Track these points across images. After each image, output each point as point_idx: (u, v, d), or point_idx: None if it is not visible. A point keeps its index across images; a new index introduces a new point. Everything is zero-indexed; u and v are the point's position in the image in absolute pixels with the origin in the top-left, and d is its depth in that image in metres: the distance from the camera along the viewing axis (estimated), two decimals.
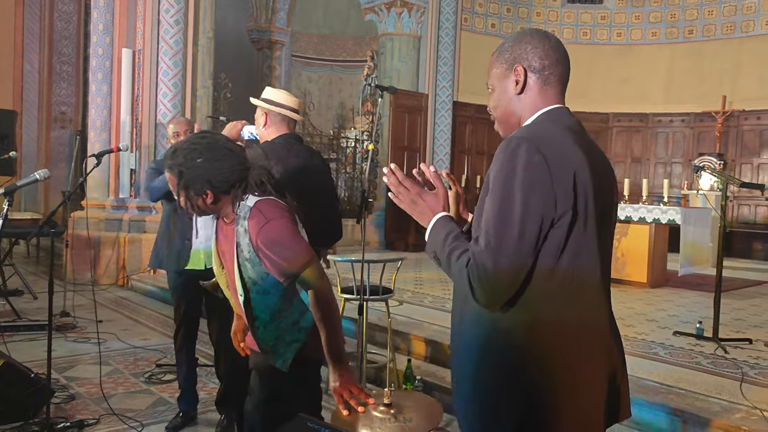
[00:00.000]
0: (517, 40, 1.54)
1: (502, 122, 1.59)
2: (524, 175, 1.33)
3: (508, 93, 1.54)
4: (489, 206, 1.36)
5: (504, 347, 1.42)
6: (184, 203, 1.96)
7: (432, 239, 1.48)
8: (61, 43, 12.20)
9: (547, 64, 1.51)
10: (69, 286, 6.39)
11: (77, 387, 4.08)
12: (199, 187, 1.92)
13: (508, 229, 1.33)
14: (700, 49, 11.81)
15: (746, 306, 6.05)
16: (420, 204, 1.52)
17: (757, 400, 3.27)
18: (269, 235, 1.90)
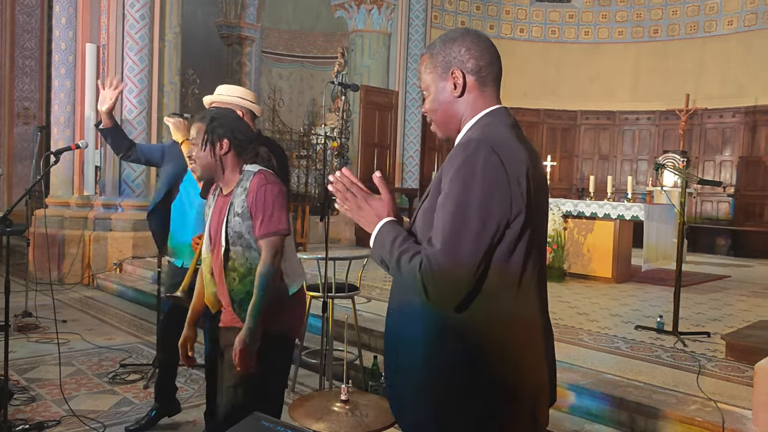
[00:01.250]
0: (450, 42, 1.52)
1: (441, 124, 1.57)
2: (483, 178, 1.34)
3: (446, 96, 1.53)
4: (446, 207, 1.36)
5: (456, 345, 1.41)
6: (201, 150, 2.21)
7: (378, 244, 1.46)
8: (24, 36, 11.92)
9: (483, 65, 1.51)
10: (32, 285, 6.26)
11: (38, 389, 4.00)
12: (222, 132, 2.21)
13: (465, 231, 1.33)
14: (665, 49, 12.05)
15: (707, 300, 6.19)
16: (366, 209, 1.50)
17: (713, 392, 3.36)
18: (265, 194, 2.16)
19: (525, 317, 1.47)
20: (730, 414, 3.08)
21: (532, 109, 12.58)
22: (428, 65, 1.54)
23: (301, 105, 14.22)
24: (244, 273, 2.19)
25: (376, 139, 10.87)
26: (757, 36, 11.09)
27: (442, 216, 1.36)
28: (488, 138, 1.40)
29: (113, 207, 7.86)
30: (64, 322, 5.64)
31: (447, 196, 1.37)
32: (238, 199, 2.20)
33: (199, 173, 2.27)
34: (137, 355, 4.82)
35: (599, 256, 7.07)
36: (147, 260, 7.65)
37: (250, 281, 2.17)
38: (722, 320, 5.24)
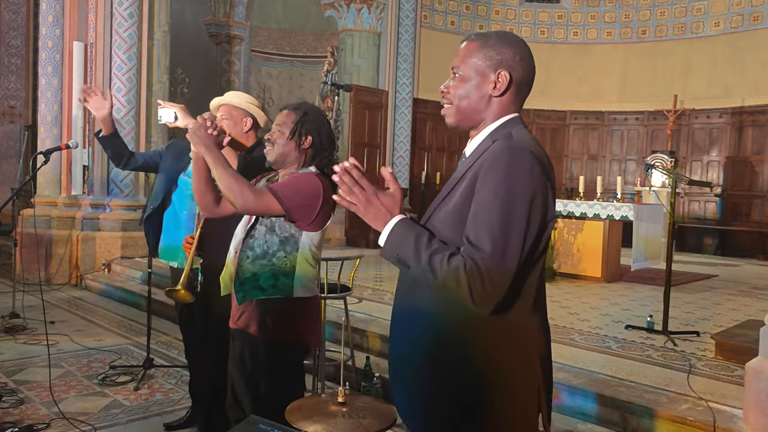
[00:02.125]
0: (507, 43, 1.53)
1: (462, 112, 1.55)
2: (529, 184, 1.38)
3: (484, 90, 1.53)
4: (492, 209, 1.37)
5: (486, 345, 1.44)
6: (280, 137, 2.27)
7: (395, 242, 1.44)
8: (9, 34, 11.79)
9: (527, 79, 1.55)
10: (19, 286, 6.20)
11: (27, 391, 3.96)
12: (309, 127, 2.29)
13: (512, 235, 1.36)
14: (653, 49, 12.13)
15: (696, 299, 6.24)
16: (376, 205, 1.46)
17: (703, 391, 3.38)
18: (301, 178, 2.23)
19: (540, 317, 1.54)
20: (721, 413, 3.11)
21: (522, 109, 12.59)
22: (478, 54, 1.53)
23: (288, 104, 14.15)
24: (258, 254, 2.23)
25: (366, 138, 10.85)
26: (743, 37, 11.20)
27: (489, 218, 1.37)
28: (529, 146, 1.45)
29: (101, 207, 7.80)
30: (52, 323, 5.58)
31: (493, 198, 1.37)
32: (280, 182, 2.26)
33: (272, 158, 2.30)
34: (127, 356, 4.78)
35: (589, 256, 7.11)
36: (136, 260, 7.59)
37: (260, 265, 2.21)
38: (711, 319, 5.29)
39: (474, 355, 1.44)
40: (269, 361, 2.20)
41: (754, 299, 6.42)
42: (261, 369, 2.21)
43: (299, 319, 2.23)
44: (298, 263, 2.23)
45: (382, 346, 4.50)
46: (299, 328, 2.23)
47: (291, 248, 2.23)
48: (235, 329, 2.30)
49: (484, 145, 1.51)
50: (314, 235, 2.27)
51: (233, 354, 2.32)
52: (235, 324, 2.30)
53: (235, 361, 2.30)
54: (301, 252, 2.24)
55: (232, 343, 2.33)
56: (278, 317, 2.20)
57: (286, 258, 2.22)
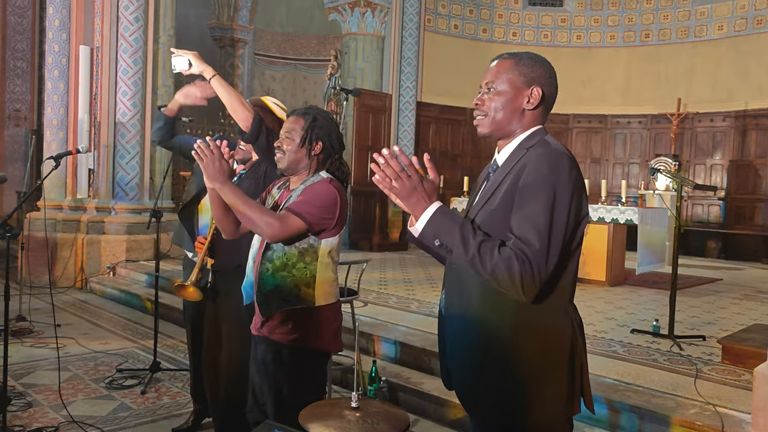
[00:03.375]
0: (539, 63, 1.69)
1: (496, 123, 1.69)
2: (570, 185, 1.54)
3: (518, 103, 1.67)
4: (538, 209, 1.51)
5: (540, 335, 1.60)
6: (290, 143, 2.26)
7: (436, 226, 1.54)
8: (15, 38, 11.82)
9: (554, 96, 1.72)
10: (25, 289, 6.22)
11: (35, 394, 3.98)
12: (320, 132, 2.28)
13: (555, 232, 1.51)
14: (656, 53, 12.14)
15: (700, 303, 6.24)
16: (419, 191, 1.56)
17: (711, 395, 3.38)
18: (318, 190, 2.22)
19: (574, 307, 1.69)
20: (729, 417, 3.11)
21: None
22: (513, 70, 1.68)
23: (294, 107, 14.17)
24: (278, 266, 2.22)
25: (370, 141, 10.86)
26: (746, 41, 11.20)
27: (535, 217, 1.50)
28: (564, 150, 1.61)
29: (106, 210, 7.82)
30: (59, 327, 5.59)
31: (537, 199, 1.51)
32: (296, 192, 2.26)
33: (284, 166, 2.30)
34: (133, 360, 4.79)
35: (593, 260, 7.10)
36: (141, 264, 7.61)
37: (281, 277, 2.21)
38: (716, 323, 5.29)
39: (521, 344, 1.59)
40: (293, 366, 2.21)
41: (759, 303, 6.41)
42: (284, 373, 2.22)
43: (322, 325, 2.24)
44: (318, 272, 2.23)
45: (388, 350, 4.51)
46: (322, 334, 2.24)
47: (310, 258, 2.23)
48: (258, 335, 2.31)
49: (517, 153, 1.65)
50: (333, 240, 2.27)
51: (255, 358, 2.33)
52: (257, 331, 2.30)
53: (258, 365, 2.31)
54: (321, 260, 2.24)
55: (254, 347, 2.34)
56: (302, 324, 2.21)
57: (306, 268, 2.22)
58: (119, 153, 7.76)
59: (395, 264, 8.63)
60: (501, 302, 1.57)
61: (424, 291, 6.43)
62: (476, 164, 12.18)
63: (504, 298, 1.55)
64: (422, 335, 4.53)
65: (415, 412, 3.83)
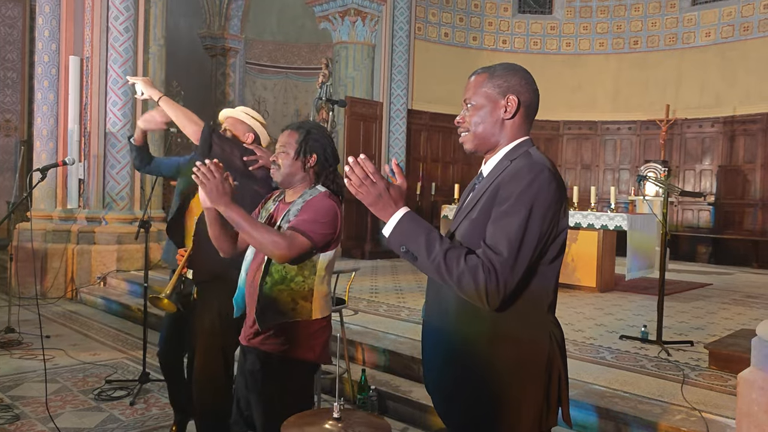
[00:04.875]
0: (512, 71, 1.69)
1: (479, 138, 1.70)
2: (547, 199, 1.54)
3: (496, 115, 1.68)
4: (512, 220, 1.52)
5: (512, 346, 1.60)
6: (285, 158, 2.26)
7: (403, 233, 1.57)
8: (5, 48, 11.81)
9: (534, 101, 1.71)
10: (14, 300, 6.20)
11: (23, 406, 3.96)
12: (314, 146, 2.28)
13: (526, 243, 1.51)
14: (645, 59, 12.24)
15: (689, 309, 6.28)
16: (384, 197, 1.58)
17: (697, 401, 3.41)
18: (320, 206, 2.21)
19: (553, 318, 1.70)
20: (715, 423, 3.13)
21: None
22: (487, 84, 1.69)
23: (286, 116, 14.22)
24: (277, 280, 2.22)
25: (361, 149, 10.90)
26: (733, 47, 11.31)
27: (508, 226, 1.51)
28: (547, 164, 1.60)
29: (97, 220, 7.80)
30: (48, 338, 5.57)
31: (513, 209, 1.52)
32: (294, 208, 2.26)
33: (279, 179, 2.31)
34: (123, 371, 4.78)
35: (583, 266, 7.14)
36: (132, 273, 7.59)
37: (278, 290, 2.21)
38: (705, 329, 5.32)
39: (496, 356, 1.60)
40: (283, 377, 2.21)
41: (748, 308, 6.45)
42: (274, 384, 2.21)
43: (314, 337, 2.23)
44: (315, 285, 2.24)
45: (377, 358, 4.51)
46: (313, 345, 2.23)
47: (309, 272, 2.23)
48: (248, 346, 2.30)
49: (501, 164, 1.66)
50: (330, 254, 2.28)
51: (243, 369, 2.32)
52: (248, 341, 2.30)
53: (246, 375, 2.30)
54: (318, 274, 2.24)
55: (242, 358, 2.34)
56: (294, 336, 2.21)
57: (305, 282, 2.23)
58: (109, 163, 7.76)
59: (386, 272, 8.64)
60: (477, 313, 1.57)
61: (415, 299, 6.44)
62: (467, 172, 12.22)
63: (480, 309, 1.55)
64: (412, 343, 4.54)
65: (404, 420, 3.83)
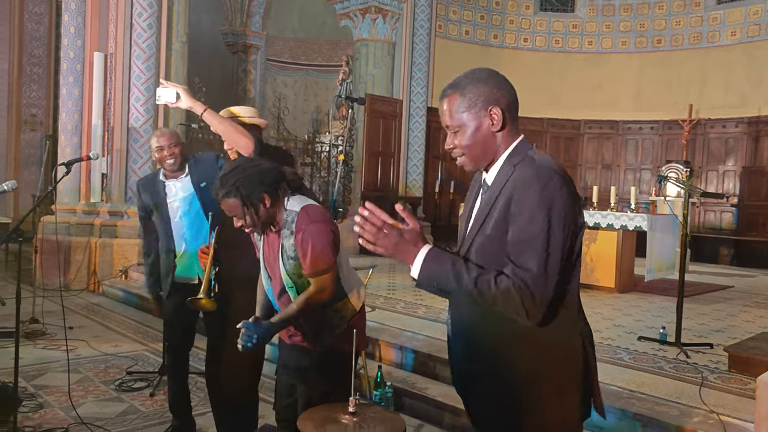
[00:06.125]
0: (479, 82, 1.63)
1: (477, 158, 1.66)
2: (562, 204, 1.52)
3: (484, 131, 1.63)
4: (533, 233, 1.50)
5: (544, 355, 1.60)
6: (249, 221, 2.19)
7: (430, 272, 1.55)
8: (32, 44, 12.02)
9: (512, 101, 1.66)
10: (39, 291, 6.31)
11: (46, 395, 4.05)
12: (258, 192, 2.16)
13: (553, 253, 1.50)
14: (668, 58, 12.09)
15: (710, 311, 6.21)
16: (402, 243, 1.56)
17: (715, 404, 3.38)
18: (311, 234, 2.17)
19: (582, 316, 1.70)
20: (733, 426, 3.11)
21: (536, 118, 12.62)
22: (461, 104, 1.63)
23: (306, 113, 14.29)
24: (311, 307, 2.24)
25: (381, 147, 10.92)
26: (759, 47, 11.14)
27: (531, 240, 1.50)
28: (552, 166, 1.57)
29: (119, 214, 7.92)
30: (71, 329, 5.67)
31: (532, 221, 1.51)
32: (287, 243, 2.23)
33: (259, 232, 2.30)
34: (143, 362, 4.86)
35: (602, 266, 7.09)
36: None
37: (316, 313, 2.25)
38: (725, 331, 5.26)
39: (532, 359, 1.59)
40: (328, 370, 2.25)
41: None
42: (320, 378, 2.25)
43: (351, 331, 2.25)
44: (345, 286, 2.30)
45: (394, 356, 4.53)
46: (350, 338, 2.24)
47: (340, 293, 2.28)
48: (291, 344, 2.36)
49: (504, 171, 1.62)
50: (340, 259, 2.30)
51: (286, 364, 2.39)
52: (290, 340, 2.36)
53: (289, 371, 2.36)
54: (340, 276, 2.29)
55: (285, 353, 2.40)
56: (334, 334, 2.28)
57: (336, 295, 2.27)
58: (132, 158, 7.87)
59: (404, 269, 8.58)
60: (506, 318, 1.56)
61: (432, 297, 6.42)
62: None
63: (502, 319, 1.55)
64: (428, 341, 4.55)
65: (419, 417, 3.85)
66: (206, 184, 3.33)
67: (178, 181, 3.43)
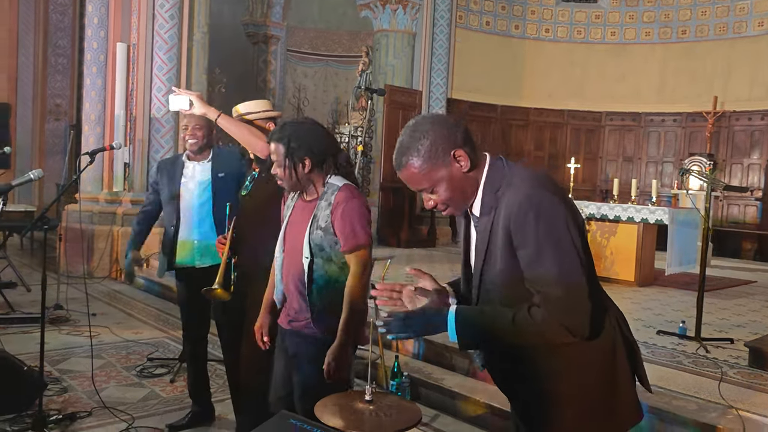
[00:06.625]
0: (425, 134, 1.56)
1: (461, 202, 1.64)
2: (559, 219, 1.50)
3: (458, 177, 1.59)
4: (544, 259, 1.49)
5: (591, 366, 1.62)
6: (284, 173, 2.25)
7: (468, 334, 1.53)
8: (56, 35, 12.18)
9: (464, 132, 1.60)
10: (63, 278, 6.44)
11: (70, 380, 4.14)
12: (302, 154, 2.23)
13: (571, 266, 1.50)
14: (693, 49, 11.90)
15: (731, 306, 6.14)
16: (427, 318, 1.55)
17: (734, 399, 3.35)
18: (351, 209, 2.21)
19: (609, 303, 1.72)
20: (752, 422, 3.08)
21: (557, 110, 12.52)
22: (424, 167, 1.57)
23: (326, 103, 14.31)
24: (322, 285, 2.26)
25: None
26: None
27: (544, 266, 1.49)
28: (536, 183, 1.55)
29: (141, 203, 8.00)
30: (94, 315, 5.78)
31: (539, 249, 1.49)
32: (322, 213, 2.24)
33: (289, 189, 2.35)
34: (164, 349, 4.94)
35: (622, 259, 7.04)
36: None
37: (327, 293, 2.25)
38: (746, 326, 5.20)
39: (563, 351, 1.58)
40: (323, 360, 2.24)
41: None
42: (315, 367, 2.24)
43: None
44: None
45: (411, 346, 4.55)
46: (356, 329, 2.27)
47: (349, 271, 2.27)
48: (290, 329, 2.36)
49: (487, 200, 1.60)
50: None
51: (282, 351, 2.39)
52: (289, 325, 2.36)
53: (286, 358, 2.37)
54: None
55: (282, 340, 2.41)
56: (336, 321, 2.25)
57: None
58: (153, 147, 7.96)
59: (423, 260, 8.66)
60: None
61: None
62: None
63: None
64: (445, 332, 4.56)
65: (435, 407, 3.87)
66: (224, 175, 3.38)
67: (199, 165, 3.50)
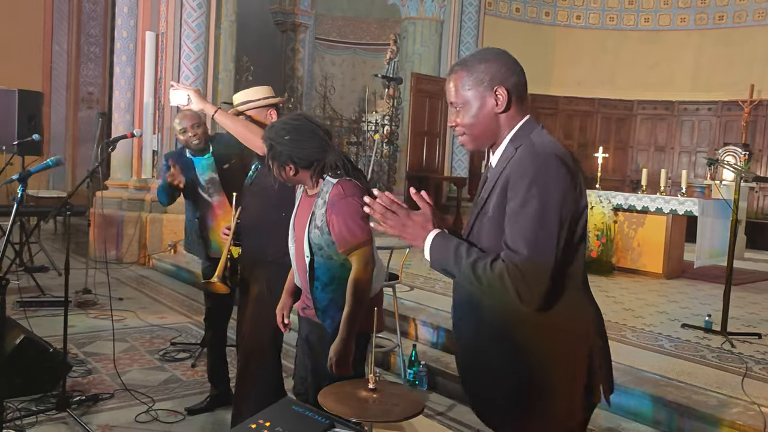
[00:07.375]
0: (487, 61, 1.61)
1: (478, 137, 1.65)
2: (557, 187, 1.48)
3: (487, 111, 1.61)
4: (526, 215, 1.47)
5: (543, 340, 1.56)
6: (276, 172, 2.25)
7: (438, 255, 1.57)
8: (89, 24, 12.38)
9: (518, 81, 1.62)
10: (92, 263, 6.58)
11: (95, 362, 4.24)
12: (283, 161, 2.21)
13: (546, 238, 1.46)
14: (730, 36, 11.55)
15: (762, 300, 5.99)
16: (410, 225, 1.59)
17: (757, 395, 3.27)
18: (342, 209, 2.17)
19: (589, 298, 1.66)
20: None
21: (587, 99, 12.30)
22: (467, 81, 1.61)
23: (354, 92, 14.29)
24: (326, 282, 2.27)
25: (426, 127, 10.85)
26: None
27: (523, 223, 1.47)
28: (552, 149, 1.53)
29: None
30: (121, 300, 5.91)
31: (525, 204, 1.48)
32: (318, 212, 2.23)
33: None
34: (186, 334, 5.02)
35: (649, 251, 6.91)
36: None
37: (331, 290, 2.26)
38: None
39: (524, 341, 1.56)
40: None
41: None
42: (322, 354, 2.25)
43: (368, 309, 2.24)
44: None
45: (429, 335, 4.55)
46: (366, 317, 2.24)
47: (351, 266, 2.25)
48: (304, 317, 2.39)
49: (507, 153, 1.61)
50: None
51: (301, 338, 2.43)
52: (303, 312, 2.39)
53: (302, 345, 2.41)
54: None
55: (300, 326, 2.44)
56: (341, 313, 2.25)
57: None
58: None
59: None
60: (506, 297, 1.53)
61: None
62: None
63: (502, 302, 1.54)
64: None
65: (452, 396, 3.87)
66: (229, 166, 3.44)
67: (204, 159, 3.55)
